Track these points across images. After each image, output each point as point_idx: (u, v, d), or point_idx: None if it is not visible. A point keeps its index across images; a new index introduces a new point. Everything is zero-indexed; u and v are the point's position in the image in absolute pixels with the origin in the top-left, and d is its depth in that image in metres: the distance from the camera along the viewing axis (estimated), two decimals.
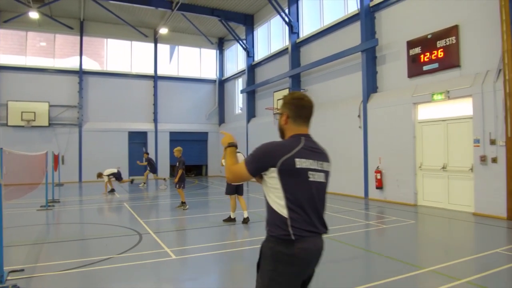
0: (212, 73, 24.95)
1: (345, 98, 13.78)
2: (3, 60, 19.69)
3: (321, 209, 2.24)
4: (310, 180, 2.18)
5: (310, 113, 2.34)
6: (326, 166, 2.30)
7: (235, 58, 23.56)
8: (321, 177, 2.24)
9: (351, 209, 10.33)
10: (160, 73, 23.09)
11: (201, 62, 24.66)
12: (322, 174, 2.25)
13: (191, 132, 23.70)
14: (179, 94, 23.53)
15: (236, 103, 23.62)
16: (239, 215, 8.77)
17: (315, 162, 2.23)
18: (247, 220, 8.42)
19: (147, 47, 22.89)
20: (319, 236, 2.22)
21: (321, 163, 2.26)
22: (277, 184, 2.16)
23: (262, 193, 2.32)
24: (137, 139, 22.15)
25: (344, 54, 13.31)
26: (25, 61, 20.11)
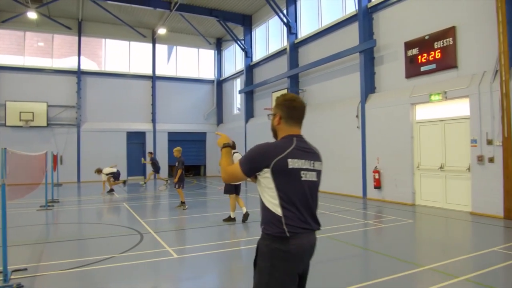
0: (210, 73, 24.98)
1: (343, 98, 13.86)
2: (1, 60, 19.65)
3: (314, 206, 2.32)
4: (302, 179, 2.25)
5: (302, 114, 2.40)
6: (317, 165, 2.37)
7: (233, 58, 23.60)
8: (313, 176, 2.32)
9: (349, 209, 10.41)
10: (158, 73, 23.10)
11: (199, 62, 24.68)
12: (314, 173, 2.33)
13: (190, 132, 23.70)
14: (177, 94, 23.53)
15: (234, 103, 23.66)
16: (239, 215, 8.83)
17: (307, 162, 2.30)
18: (247, 215, 8.57)
19: (145, 47, 22.89)
20: (312, 232, 2.31)
21: (312, 162, 2.33)
22: (270, 184, 2.22)
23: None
24: (136, 139, 22.16)
25: (342, 54, 13.40)
26: (23, 61, 20.07)
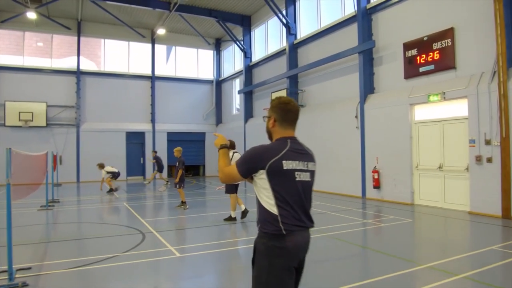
0: (209, 73, 25.02)
1: (342, 99, 13.93)
2: (0, 60, 19.64)
3: (308, 205, 2.42)
4: (296, 179, 2.35)
5: (295, 117, 2.50)
6: (311, 166, 2.47)
7: (232, 58, 23.65)
8: (306, 177, 2.41)
9: (349, 208, 10.48)
10: (157, 73, 23.12)
11: (198, 62, 24.72)
12: (307, 173, 2.42)
13: (189, 132, 23.74)
14: (177, 94, 23.57)
15: (233, 103, 23.71)
16: (240, 215, 8.89)
17: (301, 163, 2.40)
18: (246, 212, 8.77)
19: (145, 47, 22.91)
20: (307, 229, 2.42)
21: (306, 163, 2.43)
22: (266, 184, 2.32)
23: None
24: (135, 140, 22.18)
25: (341, 55, 13.47)
26: (23, 61, 20.06)
